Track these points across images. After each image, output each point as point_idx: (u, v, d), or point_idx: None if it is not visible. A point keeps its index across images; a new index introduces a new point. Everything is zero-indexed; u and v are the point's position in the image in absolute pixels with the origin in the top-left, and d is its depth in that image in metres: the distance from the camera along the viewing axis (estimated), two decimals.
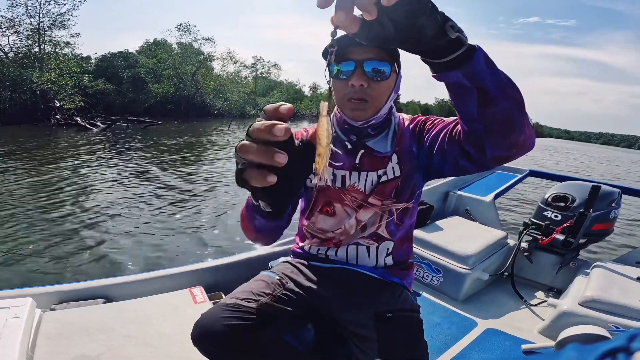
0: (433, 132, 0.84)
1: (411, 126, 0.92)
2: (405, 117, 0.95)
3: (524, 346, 1.47)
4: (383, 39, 0.45)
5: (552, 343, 1.48)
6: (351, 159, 0.91)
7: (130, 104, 23.94)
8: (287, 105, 0.39)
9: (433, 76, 0.57)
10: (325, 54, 0.80)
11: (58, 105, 16.61)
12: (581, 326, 1.42)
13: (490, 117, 0.61)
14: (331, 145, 0.40)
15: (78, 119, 15.73)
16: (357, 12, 0.40)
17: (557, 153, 31.76)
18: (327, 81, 0.47)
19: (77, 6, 19.89)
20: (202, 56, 31.26)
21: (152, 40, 33.05)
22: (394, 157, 0.90)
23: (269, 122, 0.38)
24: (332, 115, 0.38)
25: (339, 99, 0.86)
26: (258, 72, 46.84)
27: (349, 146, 0.91)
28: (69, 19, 19.64)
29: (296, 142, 0.42)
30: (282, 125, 0.37)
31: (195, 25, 49.49)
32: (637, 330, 0.17)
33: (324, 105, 0.39)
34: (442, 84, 0.59)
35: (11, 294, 1.07)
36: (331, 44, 0.42)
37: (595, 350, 0.18)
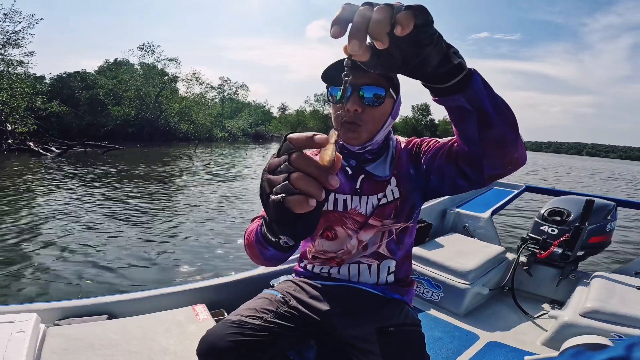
0: (429, 154, 0.90)
1: (407, 149, 0.99)
2: (401, 140, 1.03)
3: (526, 358, 1.54)
4: (389, 67, 0.49)
5: (555, 354, 1.55)
6: (352, 183, 0.98)
7: (88, 127, 23.13)
8: (322, 136, 0.39)
9: (434, 100, 0.60)
10: (325, 77, 0.89)
11: (10, 128, 15.80)
12: (584, 336, 1.49)
13: (488, 139, 0.65)
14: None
15: (31, 143, 15.02)
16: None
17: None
18: (343, 103, 0.51)
19: (34, 24, 19.61)
20: (167, 77, 31.09)
21: (112, 60, 32.64)
22: (393, 180, 0.96)
23: (325, 166, 0.38)
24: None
25: (335, 121, 0.93)
26: (225, 94, 47.39)
27: (350, 172, 0.99)
28: (24, 37, 19.33)
29: None
30: (336, 177, 0.38)
31: (159, 46, 49.57)
32: (635, 338, 0.20)
33: (332, 133, 0.40)
34: (409, 105, 0.64)
35: (16, 309, 1.11)
36: (346, 73, 0.42)
37: (593, 358, 0.20)
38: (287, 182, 0.39)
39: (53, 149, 14.95)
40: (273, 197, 0.40)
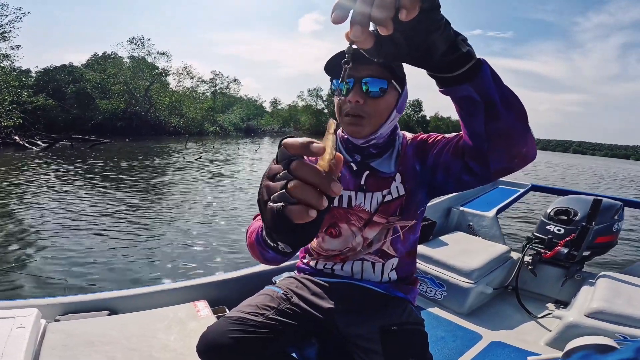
0: (435, 150, 0.88)
1: (414, 144, 0.98)
2: (407, 136, 1.02)
3: (530, 358, 1.52)
4: (394, 55, 0.47)
5: (559, 354, 1.54)
6: (356, 180, 0.97)
7: (75, 121, 22.84)
8: (319, 144, 0.38)
9: (440, 91, 0.59)
10: (328, 68, 0.88)
11: None
12: (588, 337, 1.48)
13: (496, 131, 0.64)
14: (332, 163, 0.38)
15: (16, 137, 14.96)
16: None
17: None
18: (339, 96, 0.48)
19: (20, 18, 19.53)
20: (157, 71, 30.86)
21: (100, 54, 32.12)
22: (398, 177, 0.95)
23: (326, 172, 0.37)
24: (337, 134, 0.38)
25: (338, 114, 0.92)
26: (217, 88, 47.15)
27: (355, 167, 0.97)
28: (11, 30, 19.21)
29: None
30: (339, 184, 0.37)
31: (149, 39, 49.64)
32: None
33: (331, 123, 0.38)
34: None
35: (16, 305, 1.11)
36: (346, 60, 0.40)
37: None
38: (284, 190, 0.37)
39: (39, 142, 14.87)
40: (270, 204, 0.38)
